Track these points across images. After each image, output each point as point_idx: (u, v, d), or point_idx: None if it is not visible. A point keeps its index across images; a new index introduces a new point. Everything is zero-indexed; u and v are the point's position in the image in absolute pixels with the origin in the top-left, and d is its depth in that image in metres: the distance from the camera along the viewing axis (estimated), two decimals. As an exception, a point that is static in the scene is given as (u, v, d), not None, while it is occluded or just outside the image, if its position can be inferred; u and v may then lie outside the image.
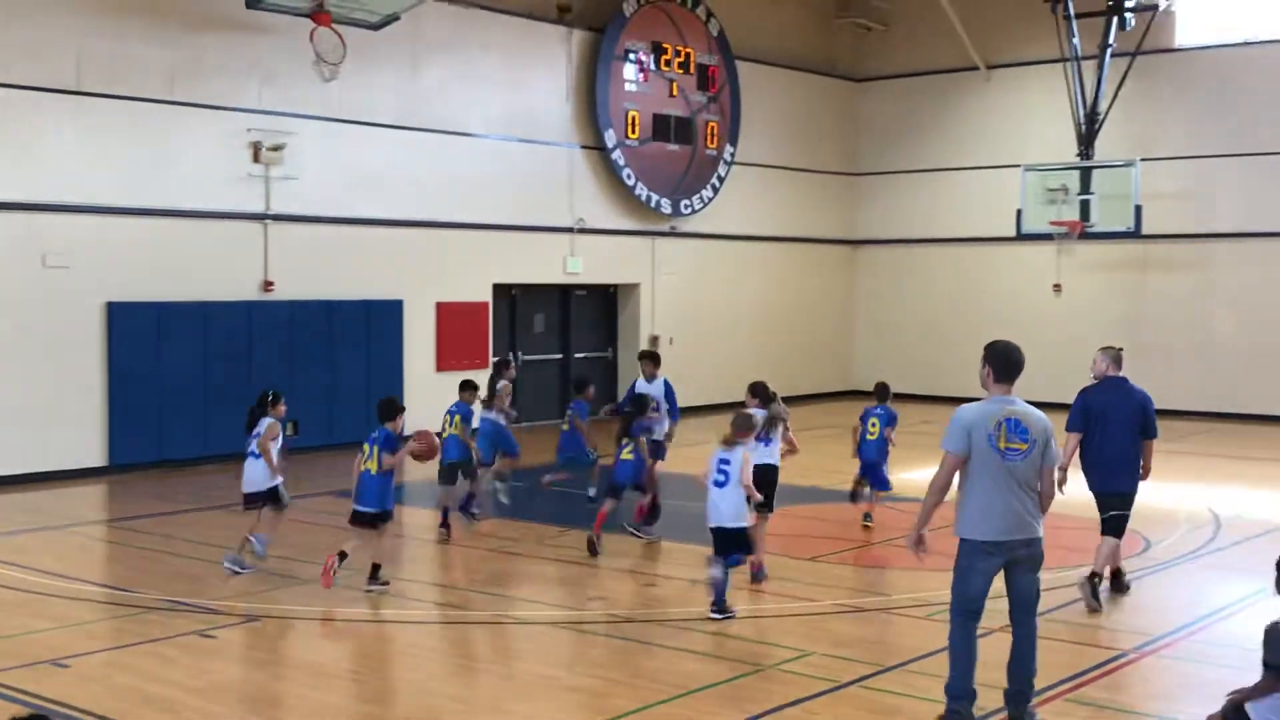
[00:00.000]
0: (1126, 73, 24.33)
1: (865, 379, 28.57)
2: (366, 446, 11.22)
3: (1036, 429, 7.32)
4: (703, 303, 25.71)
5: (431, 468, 13.75)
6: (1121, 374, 10.57)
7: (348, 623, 9.85)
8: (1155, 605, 10.52)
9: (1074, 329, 25.47)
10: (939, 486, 7.41)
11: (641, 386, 14.28)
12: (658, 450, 13.53)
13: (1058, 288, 26.52)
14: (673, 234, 25.12)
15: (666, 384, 14.29)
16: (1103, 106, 24.38)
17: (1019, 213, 24.77)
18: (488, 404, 14.48)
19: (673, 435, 14.46)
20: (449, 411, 13.78)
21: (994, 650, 7.77)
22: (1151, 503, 9.68)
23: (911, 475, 15.42)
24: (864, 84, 29.31)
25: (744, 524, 10.10)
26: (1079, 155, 24.47)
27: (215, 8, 18.22)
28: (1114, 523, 10.42)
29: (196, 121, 18.16)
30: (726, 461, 9.69)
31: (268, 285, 18.87)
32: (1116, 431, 10.29)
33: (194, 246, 18.18)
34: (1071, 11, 23.79)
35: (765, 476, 10.95)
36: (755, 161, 26.71)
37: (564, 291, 24.10)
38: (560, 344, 24.18)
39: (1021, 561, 7.37)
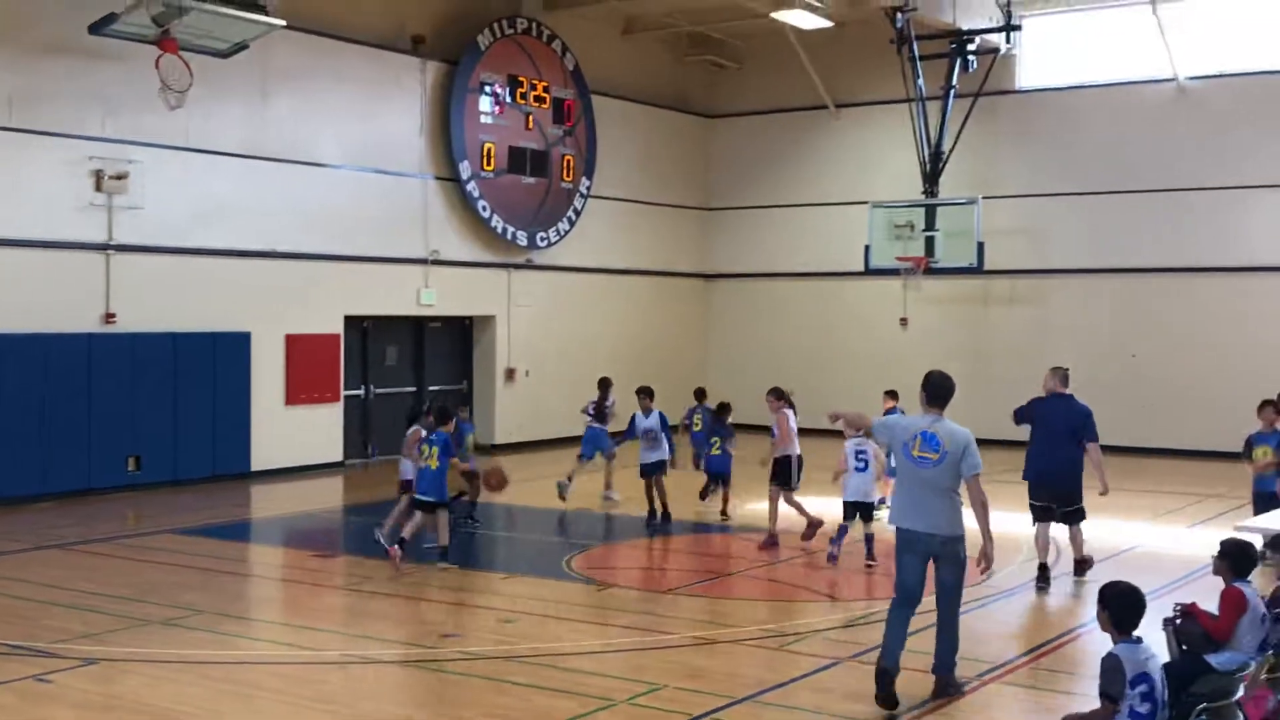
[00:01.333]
0: (969, 113, 25.11)
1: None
2: (426, 447, 13.28)
3: (950, 442, 8.54)
4: (559, 335, 25.73)
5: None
6: (1067, 390, 12.53)
7: (191, 665, 9.58)
8: (996, 632, 10.79)
9: (920, 361, 25.74)
10: (854, 415, 9.75)
11: (640, 420, 16.65)
12: (657, 469, 16.28)
13: (904, 321, 27.18)
14: (528, 266, 25.11)
15: (661, 416, 16.63)
16: (946, 146, 25.12)
17: (867, 248, 25.33)
18: (599, 418, 17.87)
19: (675, 463, 17.20)
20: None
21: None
22: (993, 531, 9.93)
23: (757, 506, 15.55)
24: (717, 120, 29.73)
25: (873, 500, 13.39)
26: (924, 193, 25.15)
27: (57, 33, 17.72)
28: (1073, 516, 12.54)
29: (36, 149, 17.61)
30: (864, 451, 9.82)
31: (109, 317, 18.35)
32: (1059, 439, 12.33)
33: (32, 277, 17.59)
34: (916, 53, 24.48)
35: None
36: (611, 195, 26.88)
37: (418, 323, 23.90)
38: (414, 377, 23.96)
39: (941, 557, 8.61)
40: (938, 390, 8.86)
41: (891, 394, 17.28)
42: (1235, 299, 24.14)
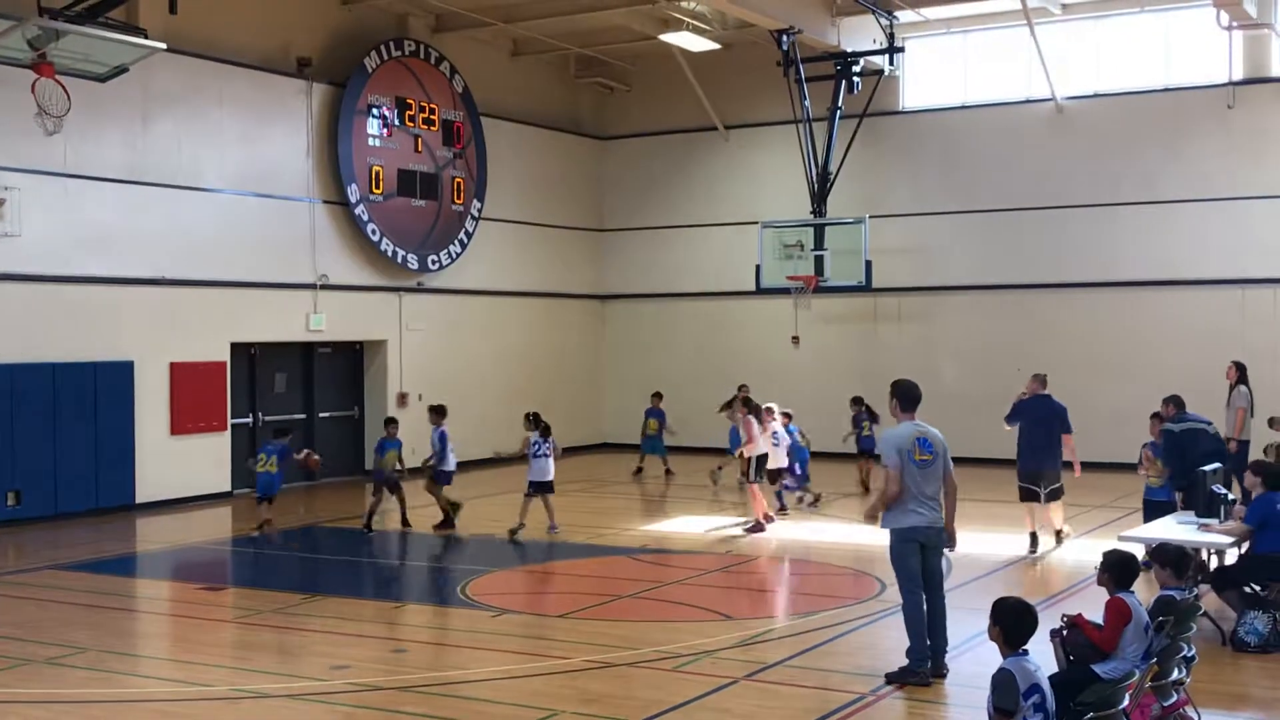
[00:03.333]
0: (855, 133, 25.48)
1: (616, 432, 28.94)
2: (264, 455, 16.85)
3: (938, 444, 9.79)
4: (452, 359, 25.57)
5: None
6: (1046, 391, 15.58)
7: (75, 704, 9.31)
8: (889, 646, 10.92)
9: (812, 378, 26.42)
10: (892, 493, 9.66)
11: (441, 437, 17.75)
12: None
13: (796, 339, 27.46)
14: (420, 290, 24.93)
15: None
16: (834, 166, 25.44)
17: (758, 268, 25.56)
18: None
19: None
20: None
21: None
22: (883, 544, 10.10)
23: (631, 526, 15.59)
24: (608, 142, 29.82)
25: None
26: (812, 212, 25.44)
27: (-75, 55, 17.20)
28: (1055, 493, 15.44)
29: (-96, 174, 17.09)
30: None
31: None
32: (1042, 429, 15.32)
33: (-98, 307, 17.06)
34: (803, 75, 24.79)
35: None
36: (503, 217, 26.81)
37: (307, 349, 23.59)
38: (304, 403, 23.62)
39: (932, 546, 9.70)
40: (911, 396, 9.96)
41: (856, 400, 20.82)
42: (1115, 311, 24.77)
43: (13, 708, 9.23)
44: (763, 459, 17.92)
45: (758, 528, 17.05)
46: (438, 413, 17.99)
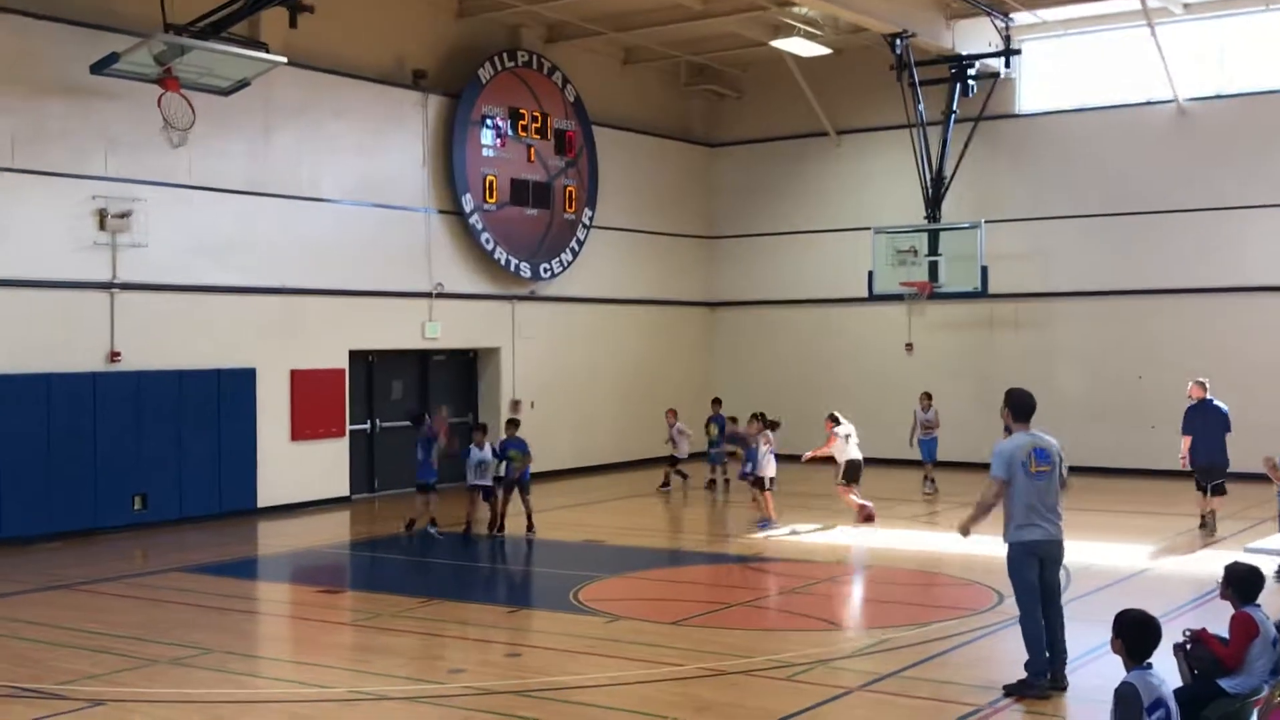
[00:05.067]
0: (970, 137, 25.17)
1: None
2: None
3: (1054, 454, 9.67)
4: (563, 366, 25.75)
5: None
6: (1208, 396, 17.24)
7: (199, 704, 9.56)
8: (1007, 658, 10.74)
9: (926, 386, 26.07)
10: (987, 505, 9.67)
11: (474, 453, 17.97)
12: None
13: (909, 347, 27.18)
14: (532, 298, 25.15)
15: (492, 448, 18.19)
16: (948, 170, 25.16)
17: (870, 274, 25.35)
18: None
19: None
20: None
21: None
22: (996, 554, 9.97)
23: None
24: (718, 149, 29.82)
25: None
26: (926, 218, 25.18)
27: (59, 74, 17.81)
28: (1219, 488, 17.11)
29: (39, 188, 17.66)
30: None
31: (114, 355, 18.38)
32: (1212, 432, 17.01)
33: (36, 317, 17.62)
34: (916, 79, 24.55)
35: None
36: (614, 225, 26.94)
37: (422, 357, 23.92)
38: (419, 409, 23.88)
39: (1051, 560, 9.61)
40: (1025, 405, 9.85)
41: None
42: (1239, 319, 24.10)
43: (139, 707, 9.49)
44: (852, 464, 18.95)
45: (868, 518, 18.48)
46: (482, 431, 18.57)
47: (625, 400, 26.94)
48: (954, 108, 25.02)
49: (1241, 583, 7.97)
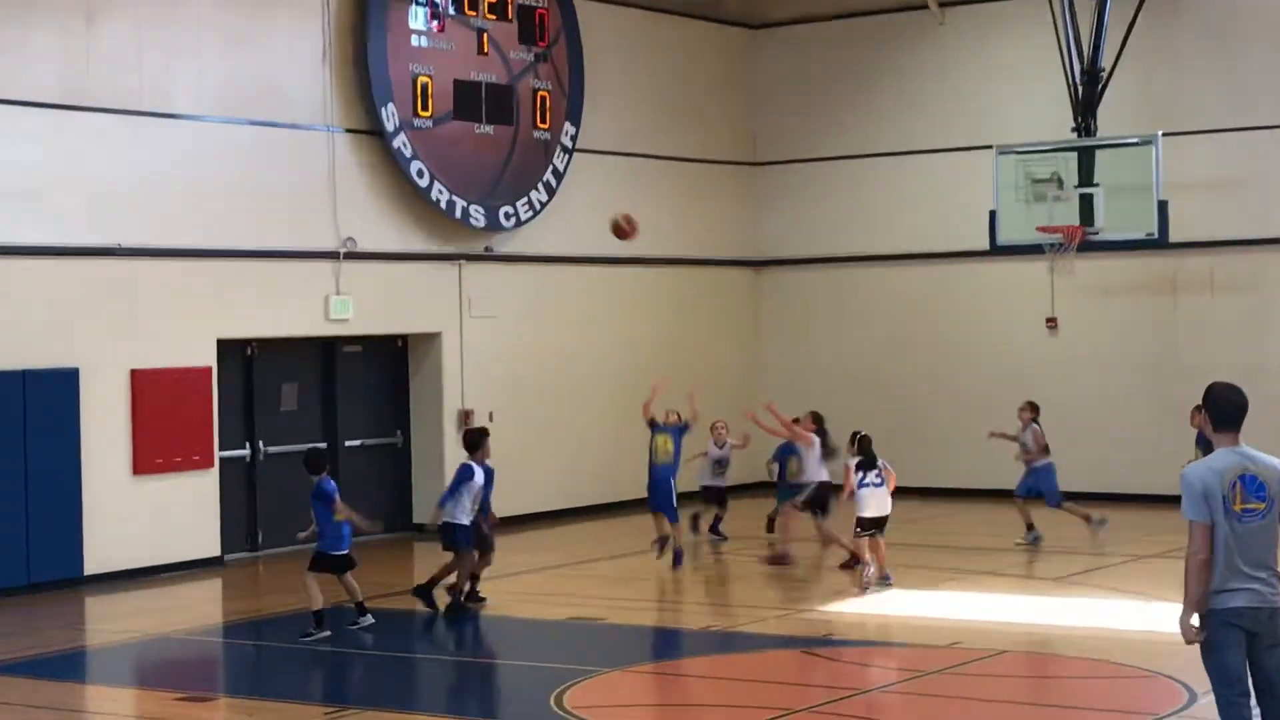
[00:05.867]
0: (1137, 12, 25.08)
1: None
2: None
3: (1273, 484, 9.07)
4: (535, 359, 25.71)
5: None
6: None
7: None
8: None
9: (1076, 380, 26.04)
10: (1201, 563, 8.99)
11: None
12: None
13: (1052, 322, 27.13)
14: (489, 257, 25.14)
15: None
16: (1107, 60, 25.07)
17: (992, 215, 25.30)
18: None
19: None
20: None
21: None
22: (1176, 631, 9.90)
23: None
24: (762, 32, 29.80)
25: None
26: (1075, 130, 25.11)
27: None
28: None
29: None
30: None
31: None
32: None
33: None
34: (1058, -76, 24.53)
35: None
36: (607, 148, 26.91)
37: (327, 347, 23.95)
38: (323, 425, 23.96)
39: (1266, 636, 9.06)
40: (1227, 406, 9.30)
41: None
42: None
43: None
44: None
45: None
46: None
47: (631, 406, 26.77)
48: (1116, -31, 24.99)
49: None
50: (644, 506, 20.98)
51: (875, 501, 18.65)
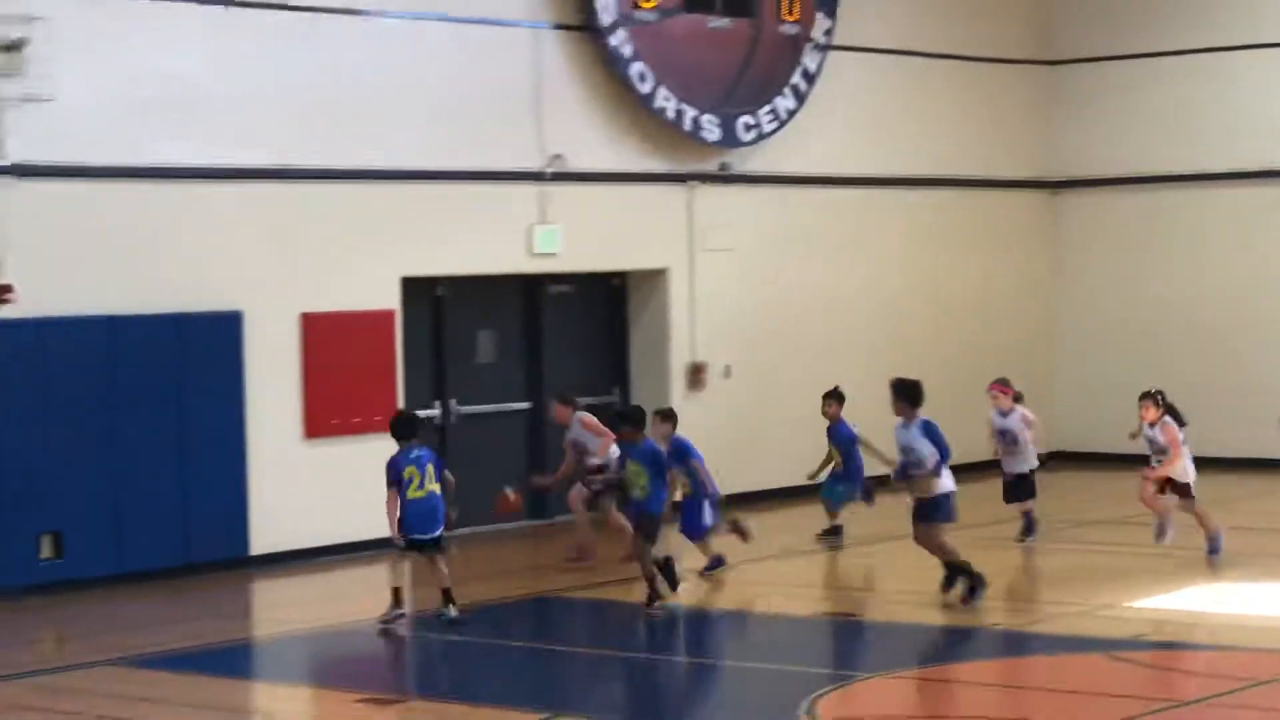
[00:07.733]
0: None
1: (1075, 430, 28.54)
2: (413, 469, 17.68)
3: None
4: (783, 300, 25.84)
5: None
6: None
7: None
8: None
9: None
10: None
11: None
12: None
13: None
14: (725, 178, 25.28)
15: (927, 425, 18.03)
16: None
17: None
18: None
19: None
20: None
21: None
22: None
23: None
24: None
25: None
26: None
27: None
28: None
29: None
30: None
31: (2, 291, 18.96)
32: None
33: None
34: None
35: None
36: (868, 44, 26.91)
37: (531, 287, 24.27)
38: (526, 382, 24.32)
39: None
40: None
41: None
42: None
43: None
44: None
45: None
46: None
47: (897, 359, 26.75)
48: None
49: None
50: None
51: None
